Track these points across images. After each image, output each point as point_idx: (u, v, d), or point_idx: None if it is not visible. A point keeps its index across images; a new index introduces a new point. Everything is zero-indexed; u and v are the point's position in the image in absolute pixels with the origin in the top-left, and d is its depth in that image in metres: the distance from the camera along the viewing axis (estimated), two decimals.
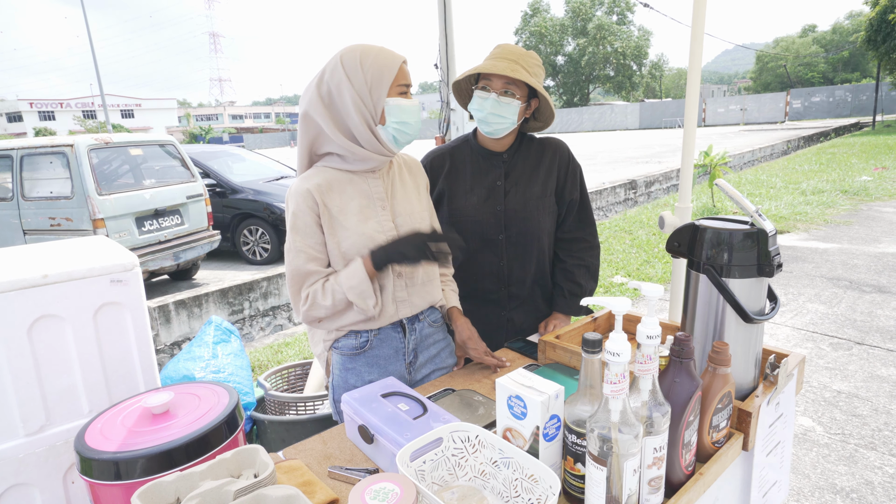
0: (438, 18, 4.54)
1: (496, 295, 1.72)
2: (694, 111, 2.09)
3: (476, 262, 1.68)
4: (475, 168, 1.70)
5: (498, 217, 1.67)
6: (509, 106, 1.55)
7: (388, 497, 0.80)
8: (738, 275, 1.08)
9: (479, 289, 1.70)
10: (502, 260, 1.69)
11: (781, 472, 1.19)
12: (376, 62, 1.27)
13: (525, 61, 1.55)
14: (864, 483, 2.27)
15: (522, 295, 1.74)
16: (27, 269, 1.38)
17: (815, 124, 28.40)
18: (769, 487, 1.14)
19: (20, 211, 5.27)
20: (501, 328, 1.74)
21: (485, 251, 1.68)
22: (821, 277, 4.94)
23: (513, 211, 1.67)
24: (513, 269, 1.71)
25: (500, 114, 1.56)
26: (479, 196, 1.67)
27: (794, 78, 57.54)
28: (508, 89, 1.54)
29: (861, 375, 3.17)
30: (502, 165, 1.69)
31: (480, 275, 1.69)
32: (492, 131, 1.61)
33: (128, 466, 1.03)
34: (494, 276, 1.71)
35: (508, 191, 1.68)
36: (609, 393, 0.78)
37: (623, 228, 7.17)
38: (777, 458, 1.16)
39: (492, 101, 1.55)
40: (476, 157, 1.71)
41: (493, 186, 1.68)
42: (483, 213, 1.67)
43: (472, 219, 1.65)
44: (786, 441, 1.18)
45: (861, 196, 8.57)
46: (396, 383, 1.24)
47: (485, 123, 1.60)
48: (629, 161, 16.52)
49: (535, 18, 54.06)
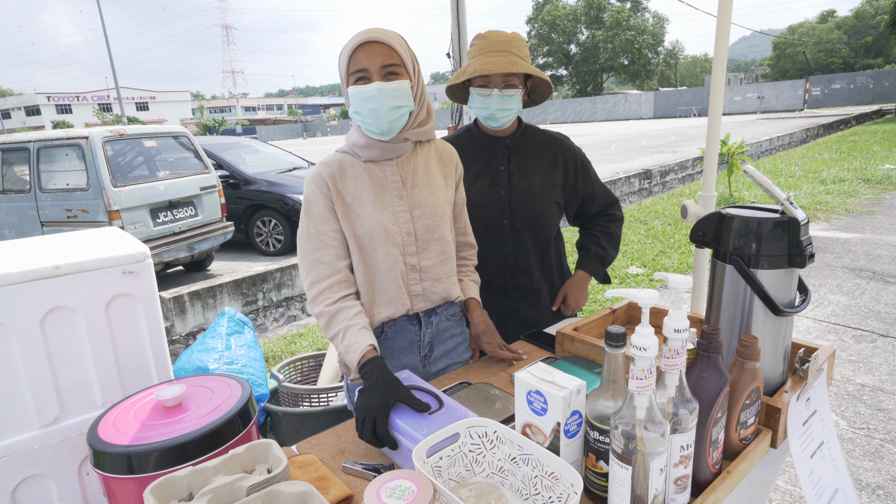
0: (451, 8, 4.48)
1: (502, 283, 1.70)
2: (719, 97, 2.02)
3: (481, 249, 1.65)
4: (478, 154, 1.68)
5: (502, 201, 1.65)
6: (513, 97, 1.54)
7: (405, 494, 0.78)
8: (767, 265, 1.04)
9: (485, 276, 1.67)
10: (507, 245, 1.67)
11: (840, 478, 1.10)
12: (342, 51, 1.23)
13: (516, 48, 1.53)
14: (891, 479, 2.21)
15: (528, 285, 1.72)
16: (39, 260, 1.37)
17: (835, 112, 27.79)
18: (830, 496, 1.06)
19: (38, 203, 5.33)
20: (508, 318, 1.72)
21: (489, 237, 1.66)
22: (842, 268, 4.83)
23: (517, 195, 1.66)
24: (518, 255, 1.69)
25: (506, 107, 1.55)
26: (484, 182, 1.66)
27: (814, 64, 56.33)
28: (508, 81, 1.53)
29: (886, 368, 3.09)
30: (505, 150, 1.68)
31: (486, 262, 1.66)
32: (500, 125, 1.61)
33: (140, 460, 1.02)
34: (500, 262, 1.68)
35: (512, 175, 1.66)
36: (635, 389, 0.75)
37: (638, 219, 7.08)
38: (829, 462, 1.09)
39: (495, 97, 1.53)
40: (479, 144, 1.69)
41: (497, 171, 1.66)
42: (487, 197, 1.65)
43: (477, 203, 1.63)
44: (831, 442, 1.12)
45: (884, 185, 8.36)
46: (412, 376, 1.21)
47: (492, 119, 1.59)
48: (644, 150, 16.31)
49: (547, 7, 53.46)
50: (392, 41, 1.21)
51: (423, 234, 1.34)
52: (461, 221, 1.50)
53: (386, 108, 1.21)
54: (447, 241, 1.39)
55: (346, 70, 1.24)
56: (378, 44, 1.20)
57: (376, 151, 1.30)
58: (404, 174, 1.35)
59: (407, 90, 1.23)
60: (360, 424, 1.04)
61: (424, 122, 1.35)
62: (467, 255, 1.54)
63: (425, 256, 1.35)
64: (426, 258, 1.36)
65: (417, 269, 1.35)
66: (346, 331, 1.22)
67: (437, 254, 1.37)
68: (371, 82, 1.21)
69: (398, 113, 1.24)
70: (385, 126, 1.24)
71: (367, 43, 1.20)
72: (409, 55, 1.26)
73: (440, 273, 1.38)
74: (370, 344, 1.19)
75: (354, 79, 1.22)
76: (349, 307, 1.26)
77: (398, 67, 1.22)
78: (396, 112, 1.23)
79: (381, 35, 1.20)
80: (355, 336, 1.20)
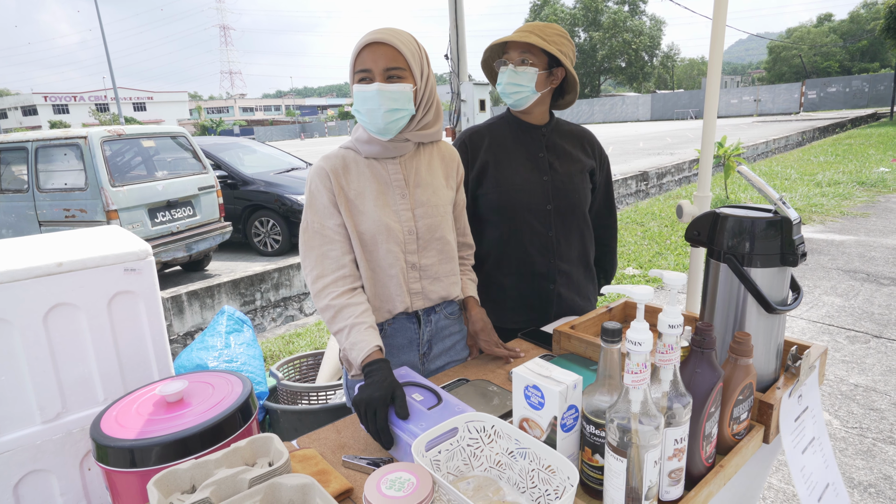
0: (449, 9, 4.51)
1: (545, 268, 1.70)
2: (715, 99, 2.05)
3: (524, 234, 1.66)
4: (516, 139, 1.70)
5: (545, 187, 1.66)
6: (525, 74, 1.56)
7: (404, 486, 0.79)
8: (760, 264, 1.06)
9: (528, 262, 1.68)
10: (551, 230, 1.68)
11: (831, 473, 1.12)
12: (353, 48, 1.26)
13: (542, 31, 1.56)
14: (883, 477, 2.24)
15: (569, 270, 1.73)
16: (42, 257, 1.38)
17: (830, 115, 27.92)
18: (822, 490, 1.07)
19: (36, 202, 5.33)
20: (551, 302, 1.72)
21: (533, 222, 1.67)
22: (837, 270, 4.87)
23: (560, 181, 1.67)
24: (560, 241, 1.70)
25: (517, 82, 1.57)
26: (526, 168, 1.67)
27: (810, 68, 56.56)
28: (524, 58, 1.56)
29: (879, 369, 3.12)
30: (542, 138, 1.69)
31: (529, 247, 1.68)
32: (512, 103, 1.63)
33: (143, 454, 1.04)
34: (543, 247, 1.69)
35: (552, 162, 1.68)
36: (630, 383, 0.76)
37: (635, 220, 7.11)
38: (820, 458, 1.10)
39: (509, 72, 1.57)
40: (516, 130, 1.70)
41: (537, 158, 1.68)
42: (531, 182, 1.66)
43: (521, 189, 1.65)
44: (822, 438, 1.13)
45: (879, 188, 8.42)
46: (410, 373, 1.23)
47: (504, 95, 1.61)
48: (640, 152, 16.36)
49: (544, 10, 53.56)
50: (399, 44, 1.23)
51: (425, 233, 1.36)
52: (461, 223, 1.52)
53: (383, 109, 1.23)
54: (448, 240, 1.40)
55: (352, 68, 1.27)
56: (384, 45, 1.22)
57: (378, 148, 1.32)
58: (407, 173, 1.36)
59: (407, 94, 1.25)
60: (364, 416, 1.06)
61: (430, 125, 1.36)
62: (465, 255, 1.56)
63: (425, 255, 1.37)
64: (426, 257, 1.37)
65: (417, 267, 1.37)
66: (352, 328, 1.23)
67: (436, 253, 1.38)
68: (372, 83, 1.23)
69: (395, 115, 1.25)
70: (381, 126, 1.26)
71: (374, 43, 1.22)
72: (417, 59, 1.27)
73: (439, 272, 1.40)
74: (377, 345, 1.20)
75: (358, 78, 1.25)
76: (356, 304, 1.27)
77: (402, 71, 1.24)
78: (394, 114, 1.25)
79: (388, 37, 1.22)
80: (361, 335, 1.21)
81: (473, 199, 1.69)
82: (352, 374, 1.25)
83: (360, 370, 1.19)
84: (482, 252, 1.71)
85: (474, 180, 1.68)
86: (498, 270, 1.71)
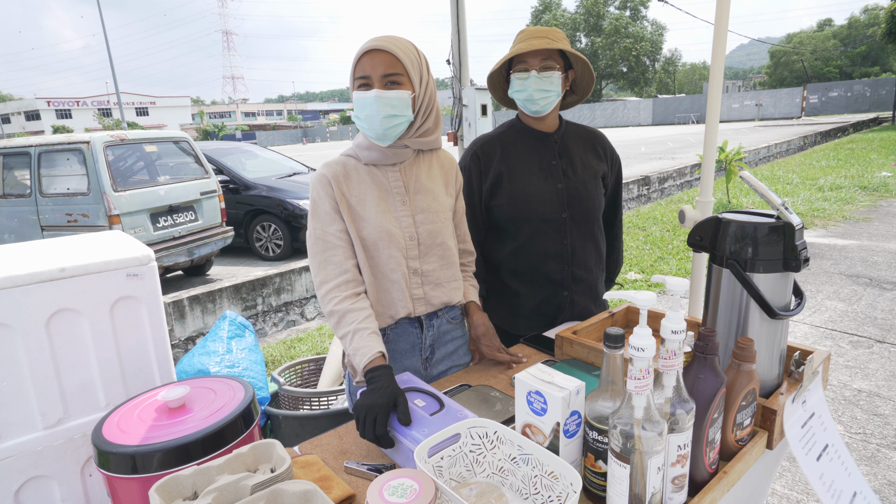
0: (451, 15, 4.53)
1: (560, 276, 1.69)
2: (717, 104, 2.05)
3: (540, 243, 1.66)
4: (528, 148, 1.68)
5: (560, 195, 1.65)
6: (551, 79, 1.55)
7: (407, 493, 0.79)
8: (762, 269, 1.06)
9: (544, 270, 1.68)
10: (566, 239, 1.67)
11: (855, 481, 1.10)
12: (354, 55, 1.27)
13: (554, 34, 1.56)
14: (887, 483, 2.23)
15: (584, 277, 1.72)
16: (44, 262, 1.39)
17: (832, 119, 27.92)
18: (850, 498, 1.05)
19: (38, 207, 5.34)
20: (563, 310, 1.71)
21: (548, 230, 1.66)
22: (839, 274, 4.85)
23: (574, 189, 1.66)
24: (576, 248, 1.69)
25: (545, 88, 1.56)
26: (539, 177, 1.66)
27: (811, 72, 56.63)
28: (546, 64, 1.55)
29: (882, 374, 3.10)
30: (554, 146, 1.68)
31: (544, 255, 1.67)
32: (538, 109, 1.60)
33: (145, 460, 1.03)
34: (558, 255, 1.68)
35: (565, 169, 1.67)
36: (633, 389, 0.76)
37: (636, 225, 7.10)
38: (839, 465, 1.09)
39: (533, 78, 1.55)
40: (527, 138, 1.69)
41: (550, 166, 1.67)
42: (545, 192, 1.65)
43: (536, 198, 1.64)
44: (837, 445, 1.12)
45: (881, 192, 8.41)
46: (413, 378, 1.23)
47: (531, 102, 1.59)
48: (642, 157, 16.37)
49: (545, 15, 53.74)
50: (398, 51, 1.24)
51: (426, 239, 1.36)
52: (461, 230, 1.52)
53: (381, 115, 1.24)
54: (449, 246, 1.41)
55: (352, 75, 1.28)
56: (383, 52, 1.23)
57: (377, 155, 1.33)
58: (407, 180, 1.37)
59: (406, 100, 1.26)
60: (361, 423, 1.06)
61: (430, 132, 1.37)
62: (466, 261, 1.56)
63: (427, 261, 1.37)
64: (427, 262, 1.38)
65: (419, 272, 1.37)
66: (355, 333, 1.24)
67: (438, 259, 1.39)
68: (371, 89, 1.24)
69: (393, 122, 1.26)
70: (379, 132, 1.27)
71: (373, 51, 1.24)
72: (416, 66, 1.28)
73: (441, 278, 1.41)
74: (379, 351, 1.21)
75: (358, 84, 1.26)
76: (358, 308, 1.27)
77: (400, 77, 1.25)
78: (392, 121, 1.26)
79: (387, 44, 1.23)
80: (364, 341, 1.22)
81: (488, 210, 1.69)
82: (356, 380, 1.25)
83: (363, 376, 1.19)
84: (497, 260, 1.71)
85: (488, 191, 1.67)
86: (513, 278, 1.71)
